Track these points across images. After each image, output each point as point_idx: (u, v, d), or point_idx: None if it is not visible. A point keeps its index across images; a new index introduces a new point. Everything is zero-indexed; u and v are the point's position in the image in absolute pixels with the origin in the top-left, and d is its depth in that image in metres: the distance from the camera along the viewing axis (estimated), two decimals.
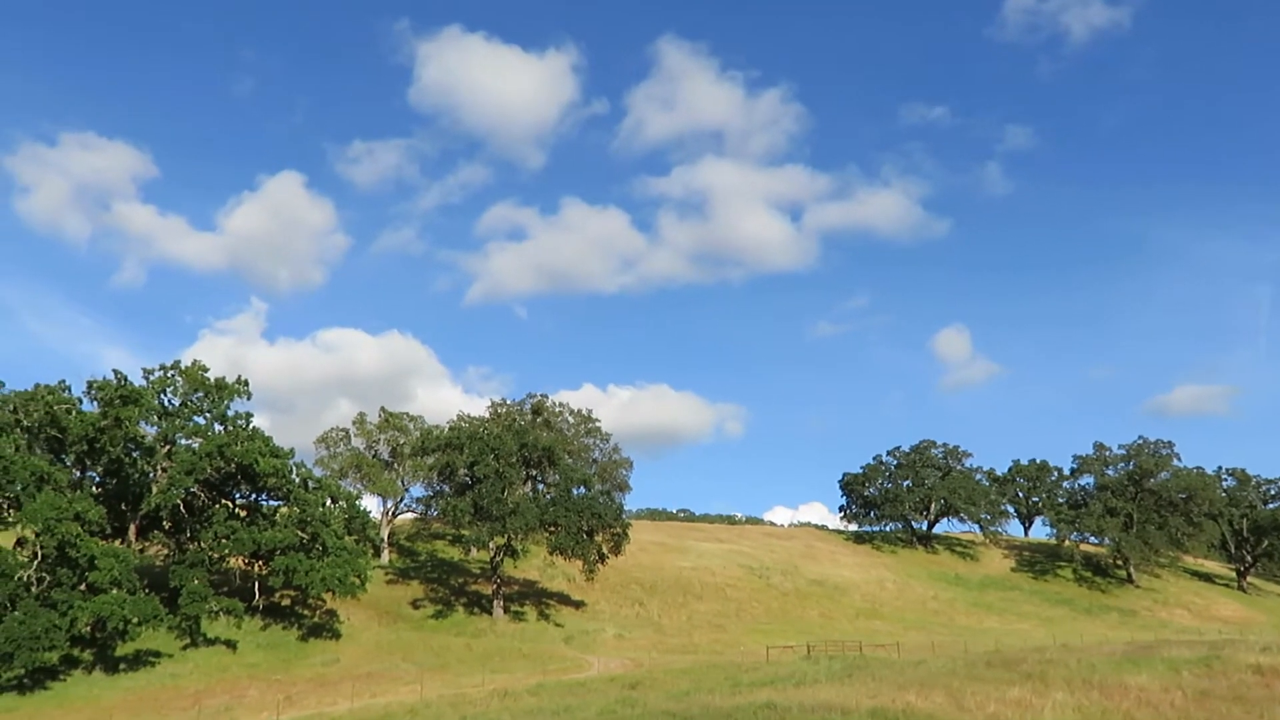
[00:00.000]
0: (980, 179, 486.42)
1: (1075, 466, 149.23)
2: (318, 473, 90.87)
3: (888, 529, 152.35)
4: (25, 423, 72.98)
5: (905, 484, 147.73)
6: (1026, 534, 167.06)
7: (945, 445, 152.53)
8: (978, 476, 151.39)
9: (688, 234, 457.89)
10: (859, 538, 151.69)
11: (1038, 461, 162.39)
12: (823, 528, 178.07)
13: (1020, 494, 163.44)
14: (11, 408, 73.01)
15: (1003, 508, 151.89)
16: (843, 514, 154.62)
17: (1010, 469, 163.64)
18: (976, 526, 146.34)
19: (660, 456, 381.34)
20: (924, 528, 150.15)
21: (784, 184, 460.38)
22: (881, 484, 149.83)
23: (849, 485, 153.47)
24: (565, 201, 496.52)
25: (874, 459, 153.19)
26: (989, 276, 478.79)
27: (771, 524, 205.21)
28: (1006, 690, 41.11)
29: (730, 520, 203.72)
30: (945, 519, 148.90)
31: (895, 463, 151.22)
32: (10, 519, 71.91)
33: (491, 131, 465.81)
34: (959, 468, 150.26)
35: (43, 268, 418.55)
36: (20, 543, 69.62)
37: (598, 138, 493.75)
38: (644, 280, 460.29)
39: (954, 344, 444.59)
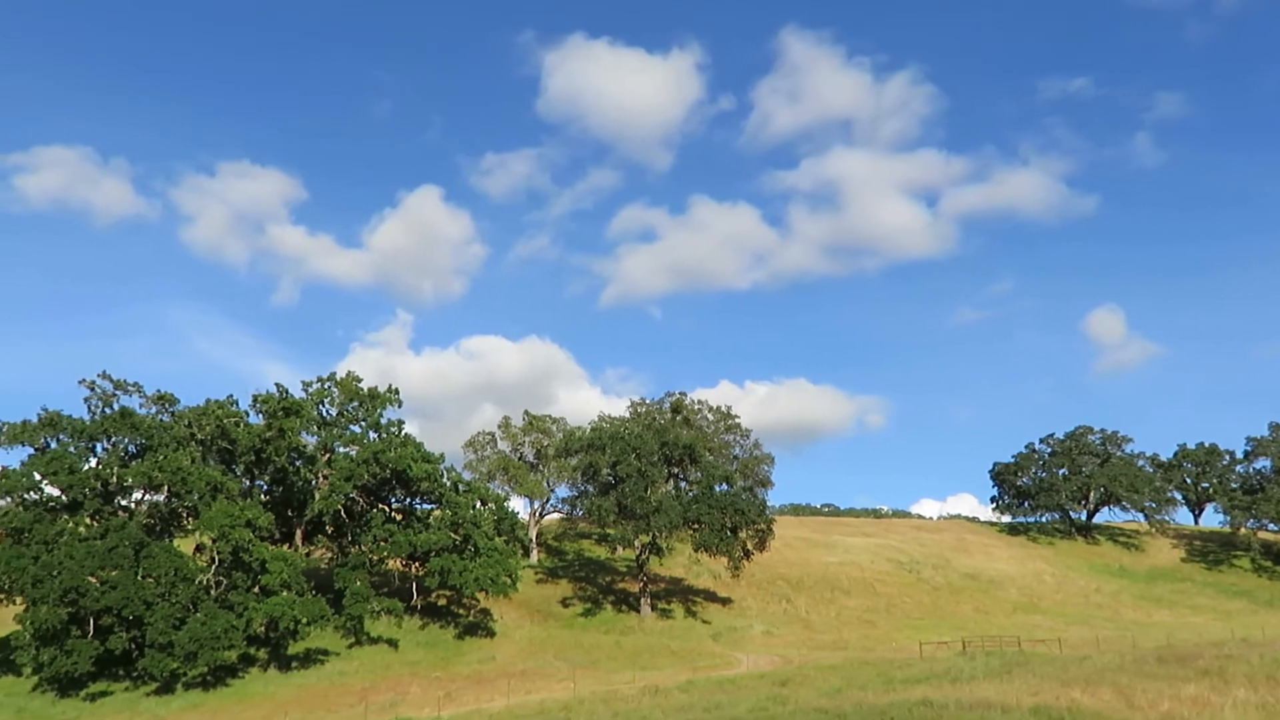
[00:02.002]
0: (1129, 151, 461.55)
1: (1249, 449, 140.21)
2: (467, 476, 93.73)
3: (1043, 519, 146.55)
4: (199, 436, 77.97)
5: (1061, 472, 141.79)
6: (1197, 522, 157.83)
7: (1103, 431, 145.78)
8: (1140, 463, 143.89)
9: (820, 226, 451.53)
10: (1013, 529, 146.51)
11: (1206, 445, 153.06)
12: (974, 519, 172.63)
13: (1188, 480, 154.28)
14: (186, 422, 78.13)
15: (1169, 495, 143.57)
16: (994, 505, 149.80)
17: (1176, 454, 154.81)
18: (1141, 515, 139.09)
19: (801, 451, 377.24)
20: (1083, 518, 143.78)
21: (918, 169, 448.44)
22: (1035, 473, 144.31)
23: (1000, 475, 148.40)
24: (694, 200, 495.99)
25: (1026, 447, 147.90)
26: (1143, 253, 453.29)
27: (919, 517, 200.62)
28: (1181, 687, 38.96)
29: (876, 514, 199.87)
30: (1106, 508, 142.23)
31: (1049, 450, 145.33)
32: (189, 526, 77.01)
33: (619, 135, 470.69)
34: (1119, 454, 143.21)
35: (208, 291, 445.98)
36: (199, 548, 74.40)
37: (724, 135, 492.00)
38: (777, 275, 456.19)
39: (1107, 325, 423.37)
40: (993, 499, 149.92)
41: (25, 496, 72.05)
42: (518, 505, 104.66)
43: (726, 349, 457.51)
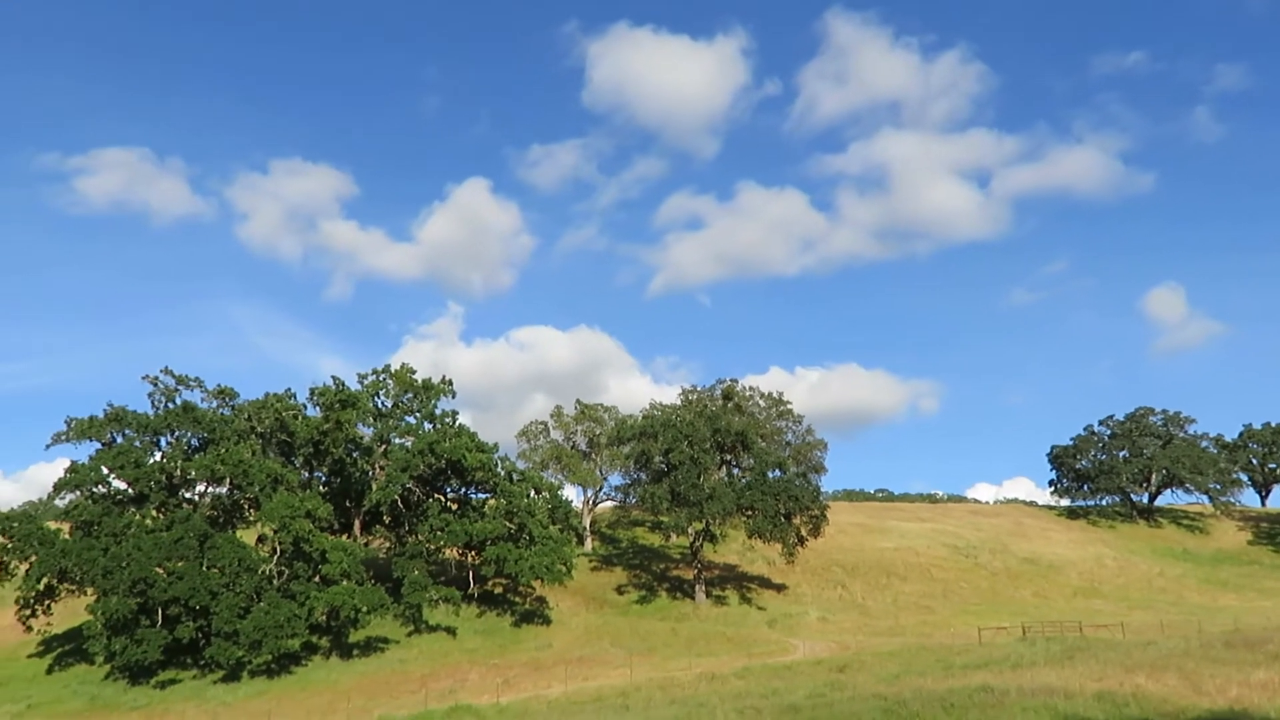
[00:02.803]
0: (1187, 126, 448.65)
1: None
2: (520, 465, 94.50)
3: (1103, 503, 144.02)
4: (259, 429, 79.49)
5: (1121, 454, 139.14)
6: (1264, 503, 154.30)
7: (1164, 411, 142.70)
8: (1204, 444, 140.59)
9: (869, 210, 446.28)
10: (1072, 513, 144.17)
11: (1273, 425, 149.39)
12: (1031, 503, 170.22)
13: (1254, 461, 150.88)
14: (246, 416, 79.69)
15: (1235, 476, 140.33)
16: (1053, 488, 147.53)
17: (1241, 434, 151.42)
18: (1205, 497, 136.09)
19: (854, 437, 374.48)
20: (1144, 500, 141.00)
21: (968, 150, 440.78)
22: (1095, 455, 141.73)
23: (1058, 458, 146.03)
24: (741, 186, 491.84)
25: (1085, 429, 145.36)
26: (1203, 230, 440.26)
27: (975, 501, 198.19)
28: (1250, 672, 38.03)
29: (931, 499, 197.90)
30: (1168, 490, 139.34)
31: (1109, 432, 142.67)
32: (251, 518, 78.66)
33: (664, 123, 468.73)
34: (1181, 435, 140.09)
35: (264, 287, 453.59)
36: (261, 539, 75.94)
37: (770, 120, 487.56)
38: (826, 260, 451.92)
39: (1167, 304, 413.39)
40: (1051, 482, 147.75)
41: (94, 490, 74.20)
42: (571, 494, 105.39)
43: (776, 335, 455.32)
